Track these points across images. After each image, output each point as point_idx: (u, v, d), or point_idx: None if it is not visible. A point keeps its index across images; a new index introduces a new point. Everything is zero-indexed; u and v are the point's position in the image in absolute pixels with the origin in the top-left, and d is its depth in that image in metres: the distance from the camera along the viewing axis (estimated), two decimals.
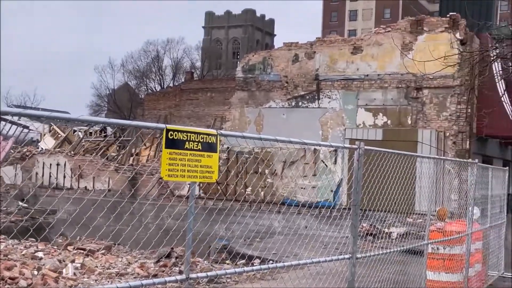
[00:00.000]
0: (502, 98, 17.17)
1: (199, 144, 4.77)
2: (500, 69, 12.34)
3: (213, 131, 4.89)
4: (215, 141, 4.89)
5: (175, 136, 4.62)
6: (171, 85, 70.30)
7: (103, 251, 13.89)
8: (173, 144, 4.61)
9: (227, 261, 13.92)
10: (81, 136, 34.65)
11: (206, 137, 4.83)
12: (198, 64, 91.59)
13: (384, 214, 10.03)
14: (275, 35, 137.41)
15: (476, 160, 9.94)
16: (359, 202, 6.08)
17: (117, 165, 28.71)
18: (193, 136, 4.72)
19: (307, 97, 28.13)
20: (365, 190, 8.02)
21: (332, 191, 25.58)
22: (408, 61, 22.59)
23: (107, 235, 13.22)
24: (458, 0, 28.39)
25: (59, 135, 34.98)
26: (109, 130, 42.44)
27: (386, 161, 7.52)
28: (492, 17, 25.86)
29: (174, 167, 4.61)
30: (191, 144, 4.71)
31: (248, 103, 29.54)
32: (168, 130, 4.55)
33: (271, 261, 12.04)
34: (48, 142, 34.51)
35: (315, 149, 24.66)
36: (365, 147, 6.13)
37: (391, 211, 8.85)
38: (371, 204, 10.38)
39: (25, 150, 30.58)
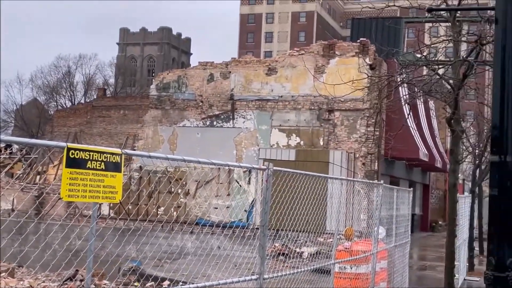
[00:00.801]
0: (408, 122, 17.90)
1: (102, 163, 4.62)
2: (406, 93, 12.90)
3: (118, 151, 4.74)
4: (119, 161, 4.75)
5: (77, 155, 4.45)
6: (82, 101, 68.55)
7: (3, 274, 13.17)
8: (74, 163, 4.43)
9: (135, 283, 13.56)
10: None
11: (110, 157, 4.68)
12: (112, 81, 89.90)
13: (296, 234, 10.11)
14: (192, 53, 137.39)
15: (382, 181, 10.24)
16: (267, 222, 6.09)
17: (22, 183, 27.46)
18: (96, 155, 4.57)
19: (222, 116, 28.19)
20: (278, 210, 8.06)
21: (245, 211, 25.64)
22: (321, 84, 23.19)
23: (14, 258, 12.56)
24: (369, 26, 29.50)
25: None
26: (15, 147, 40.71)
27: (298, 182, 7.59)
28: (399, 43, 26.99)
29: (74, 187, 4.43)
30: (94, 163, 4.56)
31: (162, 122, 29.22)
32: (69, 149, 4.37)
33: (181, 283, 11.84)
34: None
35: (229, 169, 24.69)
36: (274, 168, 6.16)
37: (303, 231, 8.93)
38: (283, 224, 10.45)
39: None
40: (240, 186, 26.37)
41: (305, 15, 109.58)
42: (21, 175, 29.63)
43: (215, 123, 28.32)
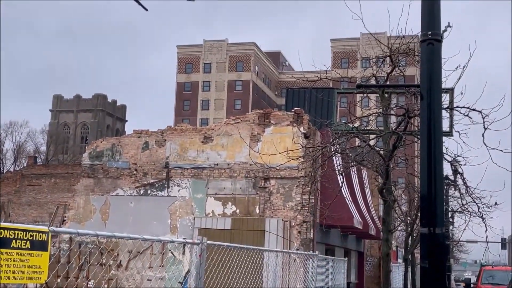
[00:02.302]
0: (342, 190, 18.21)
1: (28, 242, 4.43)
2: (339, 163, 13.16)
3: (45, 229, 4.57)
4: (46, 239, 4.57)
5: (1, 234, 4.26)
6: (11, 170, 66.35)
7: None
8: None
9: None
10: None
11: (36, 235, 4.50)
12: (43, 148, 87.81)
13: None
14: (127, 120, 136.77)
15: (317, 252, 10.26)
16: None
17: None
18: (21, 234, 4.39)
19: (157, 185, 27.83)
20: (214, 280, 7.87)
21: (180, 282, 24.99)
22: (256, 152, 23.40)
23: None
24: (303, 95, 30.29)
25: None
26: None
27: (234, 255, 7.49)
28: (332, 113, 27.78)
29: None
30: (19, 242, 4.37)
31: (94, 191, 28.53)
32: None
33: None
34: None
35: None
36: (208, 241, 6.06)
37: None
38: None
39: None
40: (175, 256, 25.80)
41: (241, 83, 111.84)
42: None
43: (149, 191, 27.90)
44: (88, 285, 23.24)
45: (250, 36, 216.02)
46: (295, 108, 26.98)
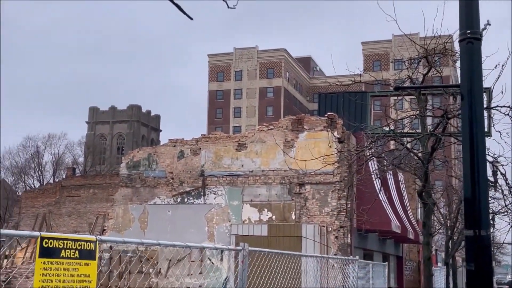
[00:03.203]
0: (379, 196, 18.05)
1: (76, 251, 4.53)
2: (375, 167, 13.06)
3: (92, 238, 4.67)
4: (94, 248, 4.67)
5: (50, 244, 4.36)
6: (51, 181, 67.64)
7: None
8: (47, 253, 4.34)
9: None
10: None
11: (84, 244, 4.60)
12: (81, 160, 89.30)
13: None
14: (161, 130, 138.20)
15: (357, 257, 10.20)
16: None
17: None
18: (70, 243, 4.49)
19: (193, 193, 28.02)
20: (253, 286, 7.90)
21: None
22: (291, 158, 23.38)
23: None
24: (335, 100, 30.16)
25: None
26: None
27: (273, 261, 7.51)
28: (366, 117, 27.59)
29: (48, 277, 4.32)
30: (68, 252, 4.47)
31: (133, 200, 28.89)
32: (42, 238, 4.29)
33: None
34: None
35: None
36: (249, 248, 6.10)
37: None
38: None
39: None
40: (213, 263, 25.92)
41: (272, 90, 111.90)
42: None
43: (186, 199, 28.11)
44: None
45: (280, 43, 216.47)
46: (328, 113, 26.89)
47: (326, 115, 26.72)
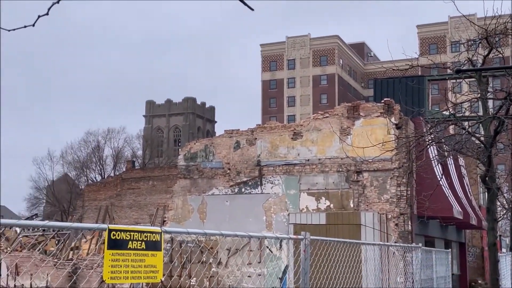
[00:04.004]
0: (440, 182, 17.65)
1: (143, 243, 4.63)
2: (435, 152, 12.78)
3: (157, 229, 4.76)
4: (159, 239, 4.76)
5: (118, 236, 4.47)
6: (112, 174, 69.34)
7: None
8: (115, 244, 4.45)
9: None
10: (18, 231, 33.29)
11: (150, 236, 4.70)
12: (140, 153, 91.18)
13: None
14: (216, 121, 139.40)
15: (420, 244, 10.05)
16: None
17: (55, 260, 27.49)
18: (136, 235, 4.59)
19: (250, 183, 28.18)
20: (312, 275, 7.90)
21: (279, 278, 25.20)
22: (347, 146, 23.17)
23: None
24: (391, 85, 29.67)
25: None
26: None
27: (332, 249, 7.48)
28: (424, 102, 27.03)
29: (116, 268, 4.44)
30: (135, 243, 4.57)
31: (191, 191, 29.30)
32: (110, 230, 4.40)
33: None
34: None
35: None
36: (311, 237, 6.10)
37: None
38: None
39: None
40: (272, 252, 26.05)
41: (326, 77, 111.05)
42: (54, 251, 29.74)
43: (243, 190, 28.30)
44: (191, 283, 23.93)
45: (333, 29, 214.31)
46: (385, 99, 26.47)
47: (383, 101, 26.32)
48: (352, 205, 25.72)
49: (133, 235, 4.54)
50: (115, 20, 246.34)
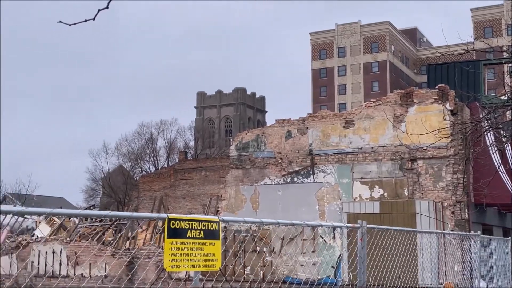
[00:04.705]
0: (499, 169, 17.20)
1: (201, 232, 4.70)
2: (494, 139, 12.45)
3: (215, 218, 4.83)
4: (217, 228, 4.83)
5: (177, 225, 4.56)
6: (165, 166, 70.51)
7: None
8: (175, 233, 4.54)
9: None
10: (77, 222, 34.30)
11: (208, 224, 4.77)
12: (192, 143, 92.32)
13: None
14: (266, 111, 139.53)
15: (479, 232, 9.84)
16: (365, 283, 5.94)
17: (113, 249, 28.23)
18: (195, 224, 4.67)
19: (302, 172, 28.15)
20: (369, 264, 7.85)
21: (333, 267, 25.15)
22: (401, 133, 22.82)
23: None
24: (445, 71, 29.02)
25: (55, 222, 34.61)
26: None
27: (388, 238, 7.42)
28: (480, 87, 26.34)
29: (176, 257, 4.52)
30: (193, 232, 4.65)
31: (243, 181, 29.50)
32: (170, 220, 4.49)
33: None
34: (43, 230, 34.06)
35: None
36: (368, 225, 6.06)
37: (394, 286, 8.64)
38: (373, 279, 10.11)
39: (20, 238, 30.13)
40: (325, 242, 25.99)
41: (378, 64, 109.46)
42: (111, 241, 30.53)
43: (295, 179, 28.30)
44: (245, 272, 24.15)
45: (383, 15, 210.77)
46: (439, 85, 25.93)
47: (437, 87, 25.79)
48: (406, 194, 25.38)
49: (192, 224, 4.61)
50: (165, 13, 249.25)
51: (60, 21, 4.16)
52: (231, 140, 31.17)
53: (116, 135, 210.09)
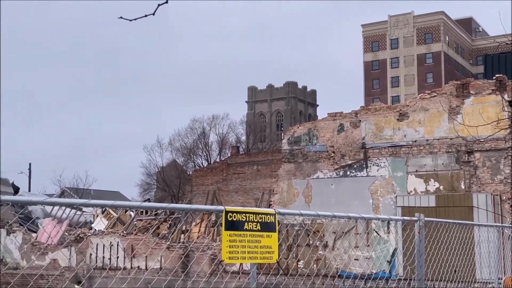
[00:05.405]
0: None
1: (258, 224, 4.74)
2: None
3: (271, 211, 4.85)
4: (273, 221, 4.85)
5: (234, 217, 4.61)
6: (217, 160, 71.14)
7: None
8: (232, 225, 4.59)
9: None
10: (133, 216, 35.05)
11: (264, 217, 4.80)
12: (243, 138, 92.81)
13: (445, 283, 9.62)
14: (318, 105, 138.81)
15: None
16: (423, 277, 5.86)
17: (169, 243, 28.74)
18: (251, 216, 4.71)
19: (355, 166, 27.91)
20: (426, 258, 7.74)
21: (388, 261, 24.87)
22: (457, 125, 22.33)
23: None
24: (503, 61, 28.22)
25: (112, 216, 35.47)
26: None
27: (444, 231, 7.29)
28: None
29: (234, 249, 4.57)
30: (250, 224, 4.69)
31: (296, 175, 29.48)
32: (227, 212, 4.54)
33: None
34: (101, 223, 34.97)
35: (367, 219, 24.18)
36: (425, 218, 5.97)
37: (451, 280, 8.50)
38: (431, 273, 9.96)
39: (79, 232, 31.05)
40: (379, 235, 25.72)
41: (432, 55, 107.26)
42: (166, 234, 31.07)
43: (348, 173, 28.10)
44: (298, 265, 24.16)
45: (437, 5, 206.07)
46: (497, 75, 25.22)
47: (494, 77, 25.09)
48: (463, 187, 24.84)
49: (249, 216, 4.66)
50: (217, 8, 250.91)
51: (121, 17, 4.25)
52: (282, 134, 31.25)
53: (170, 130, 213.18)
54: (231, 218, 4.54)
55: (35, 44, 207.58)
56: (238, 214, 4.60)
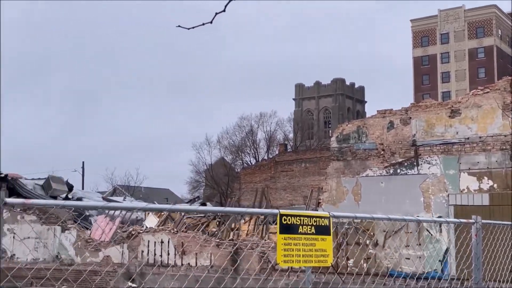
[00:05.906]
0: None
1: (312, 227, 4.74)
2: None
3: (326, 214, 4.85)
4: (328, 224, 4.84)
5: (289, 221, 4.62)
6: (265, 158, 71.27)
7: None
8: (287, 229, 4.61)
9: None
10: (183, 213, 35.47)
11: (319, 220, 4.80)
12: (291, 135, 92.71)
13: (501, 284, 9.39)
14: (366, 102, 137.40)
15: None
16: (481, 280, 5.74)
17: (218, 240, 28.99)
18: (306, 220, 4.71)
19: (405, 164, 27.51)
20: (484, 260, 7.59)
21: (440, 261, 24.43)
22: None
23: None
24: None
25: (162, 213, 36.01)
26: (209, 205, 43.27)
27: (500, 233, 7.12)
28: None
29: (289, 252, 4.59)
30: (305, 228, 4.69)
31: (345, 173, 29.26)
32: (281, 215, 4.56)
33: None
34: (152, 221, 35.57)
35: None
36: (483, 220, 5.85)
37: (509, 282, 8.30)
38: (488, 276, 9.71)
39: (130, 229, 31.66)
40: (431, 235, 25.29)
41: (483, 50, 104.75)
42: (215, 232, 31.36)
43: (398, 171, 27.71)
44: (348, 264, 24.00)
45: None
46: None
47: None
48: None
49: (303, 219, 4.66)
50: (264, 7, 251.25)
51: (179, 26, 4.31)
52: (330, 131, 31.12)
53: (218, 128, 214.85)
54: (285, 222, 4.56)
55: (97, 44, 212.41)
56: (293, 218, 4.61)
